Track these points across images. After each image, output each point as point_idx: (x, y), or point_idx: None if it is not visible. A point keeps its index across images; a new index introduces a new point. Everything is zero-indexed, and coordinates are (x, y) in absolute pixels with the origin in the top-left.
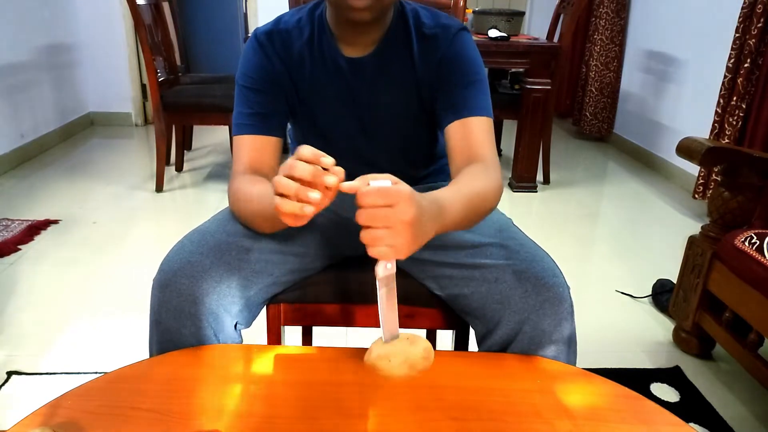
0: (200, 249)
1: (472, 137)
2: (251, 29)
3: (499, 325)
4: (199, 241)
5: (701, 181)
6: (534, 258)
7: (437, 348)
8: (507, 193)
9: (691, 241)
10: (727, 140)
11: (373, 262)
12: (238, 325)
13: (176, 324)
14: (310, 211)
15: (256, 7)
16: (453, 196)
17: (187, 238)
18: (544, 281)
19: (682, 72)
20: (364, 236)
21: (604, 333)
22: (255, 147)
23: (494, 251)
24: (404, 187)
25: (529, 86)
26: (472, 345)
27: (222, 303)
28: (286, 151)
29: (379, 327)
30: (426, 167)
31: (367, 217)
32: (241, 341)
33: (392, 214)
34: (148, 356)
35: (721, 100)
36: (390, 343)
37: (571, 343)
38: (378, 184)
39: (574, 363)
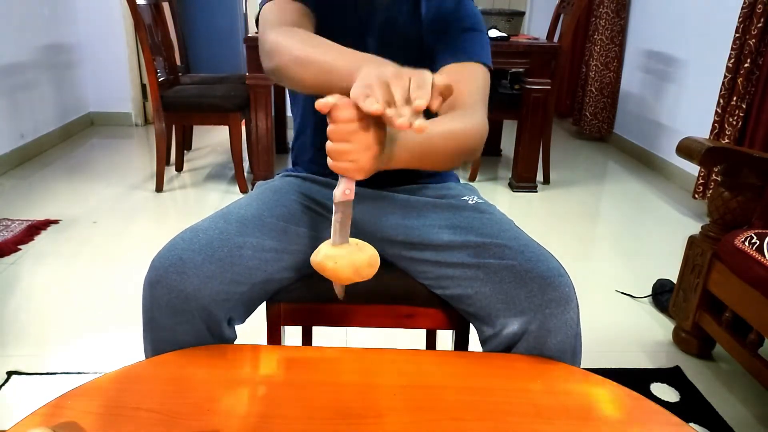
0: (192, 246)
1: (462, 84)
2: (251, 29)
3: (504, 325)
4: (191, 238)
5: (701, 181)
6: (539, 258)
7: (437, 348)
8: (507, 193)
9: (691, 241)
10: (727, 140)
11: None
12: (232, 321)
13: (170, 322)
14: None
15: (256, 8)
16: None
17: (179, 236)
18: (550, 281)
19: (682, 72)
20: (331, 150)
21: (604, 333)
22: (291, 9)
23: (498, 251)
24: None
25: (529, 86)
26: (472, 345)
27: (214, 299)
28: (285, 152)
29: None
30: None
31: (337, 131)
32: (236, 337)
33: (364, 127)
34: (144, 355)
35: (721, 100)
36: (338, 246)
37: (576, 342)
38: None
39: (579, 362)
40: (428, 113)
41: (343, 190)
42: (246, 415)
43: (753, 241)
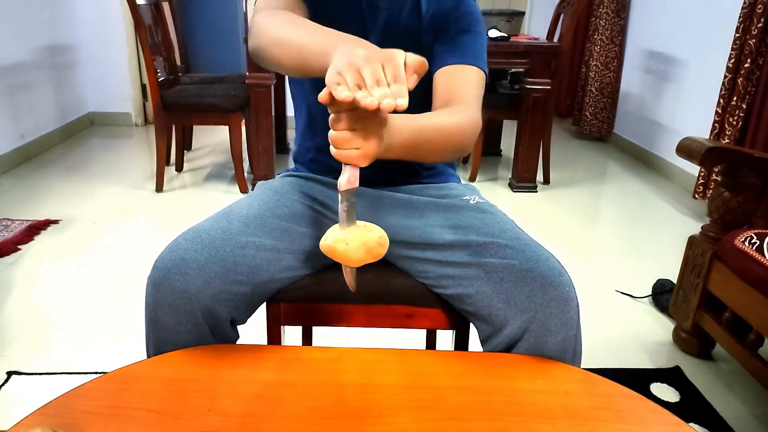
0: (194, 246)
1: (457, 84)
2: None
3: (505, 324)
4: (193, 238)
5: (701, 181)
6: (539, 258)
7: (437, 348)
8: (507, 193)
9: (691, 241)
10: (727, 140)
11: None
12: (234, 322)
13: (172, 321)
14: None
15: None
16: (409, 117)
17: (181, 236)
18: (551, 280)
19: (682, 72)
20: (335, 139)
21: (604, 333)
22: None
23: (499, 251)
24: None
25: (529, 86)
26: (472, 345)
27: (217, 299)
28: (286, 152)
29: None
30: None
31: (340, 119)
32: (238, 337)
33: (367, 113)
34: (145, 355)
35: (722, 100)
36: (346, 228)
37: (576, 342)
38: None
39: (579, 362)
40: (423, 107)
41: (348, 178)
42: (246, 415)
43: (753, 241)
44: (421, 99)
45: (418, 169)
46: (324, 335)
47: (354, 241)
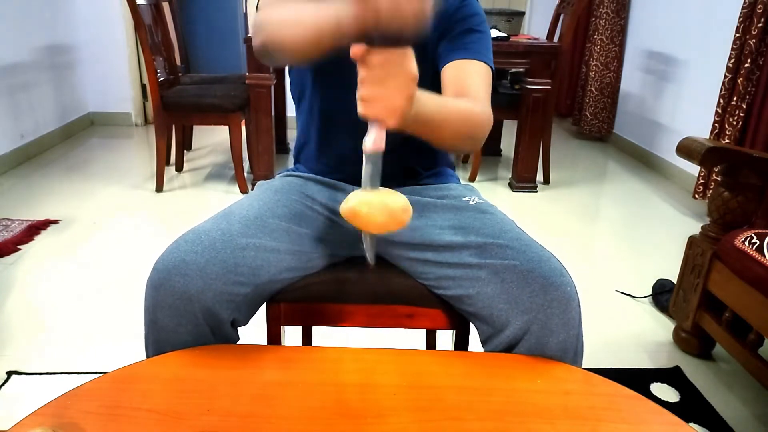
0: (195, 248)
1: (466, 79)
2: (251, 29)
3: (506, 325)
4: (194, 240)
5: (701, 181)
6: (540, 258)
7: (437, 348)
8: (507, 193)
9: (691, 241)
10: (727, 140)
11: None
12: (235, 323)
13: (172, 323)
14: None
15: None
16: (434, 95)
17: (182, 237)
18: (552, 281)
19: (682, 72)
20: (364, 95)
21: (604, 333)
22: None
23: (499, 251)
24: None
25: (529, 86)
26: (472, 345)
27: (217, 300)
28: (286, 152)
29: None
30: (428, 158)
31: (371, 75)
32: (238, 339)
33: (399, 70)
34: (145, 356)
35: (722, 100)
36: (370, 191)
37: (577, 342)
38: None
39: (580, 363)
40: (436, 89)
41: (374, 139)
42: (246, 415)
43: (753, 241)
44: None
45: (418, 169)
46: (324, 335)
47: (377, 204)
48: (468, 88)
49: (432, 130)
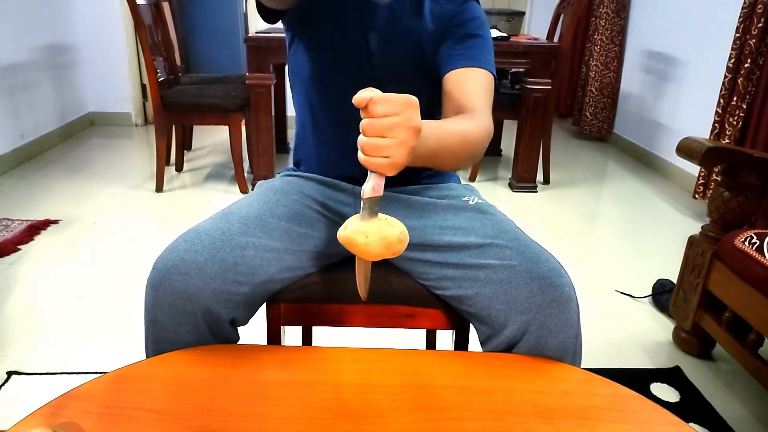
0: (194, 247)
1: (468, 88)
2: (251, 29)
3: (505, 325)
4: (193, 239)
5: (701, 181)
6: (539, 258)
7: (437, 348)
8: (507, 193)
9: (691, 241)
10: (727, 140)
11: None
12: (235, 322)
13: (172, 323)
14: None
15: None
16: (433, 124)
17: (181, 237)
18: (551, 281)
19: (682, 72)
20: (365, 145)
21: (604, 333)
22: None
23: (498, 252)
24: (411, 96)
25: (529, 86)
26: (472, 345)
27: (217, 300)
28: (286, 152)
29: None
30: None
31: (373, 126)
32: (238, 338)
33: (401, 121)
34: (145, 356)
35: (722, 100)
36: (367, 220)
37: (577, 342)
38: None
39: (579, 363)
40: (424, 111)
41: (373, 186)
42: (246, 415)
43: (753, 241)
44: (423, 104)
45: (419, 169)
46: (324, 335)
47: (374, 234)
48: (469, 100)
49: (433, 162)
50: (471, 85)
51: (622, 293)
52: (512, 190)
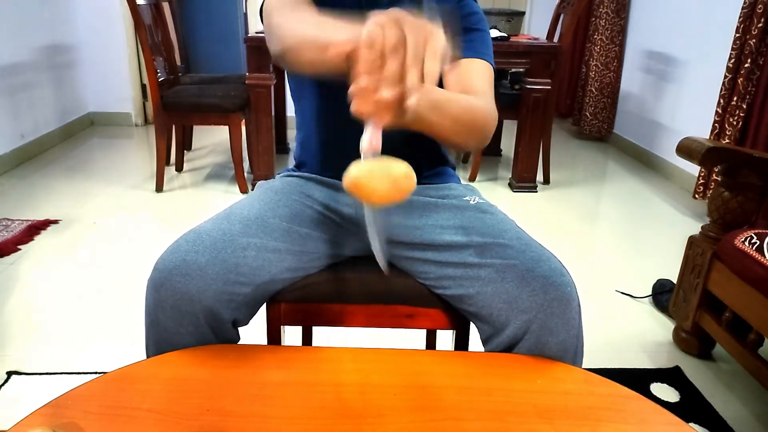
0: (195, 247)
1: (470, 78)
2: (251, 29)
3: (506, 325)
4: (195, 240)
5: (701, 181)
6: (540, 258)
7: (437, 348)
8: (507, 193)
9: (691, 241)
10: (727, 140)
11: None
12: (236, 323)
13: (173, 323)
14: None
15: (257, 8)
16: (441, 90)
17: (182, 237)
18: (552, 280)
19: (682, 72)
20: (357, 90)
21: (603, 333)
22: None
23: (499, 251)
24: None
25: (529, 86)
26: (472, 345)
27: (219, 301)
28: (285, 152)
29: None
30: (429, 158)
31: (363, 66)
32: (239, 339)
33: (389, 58)
34: (146, 357)
35: (722, 100)
36: (370, 159)
37: (577, 342)
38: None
39: (580, 362)
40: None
41: (370, 140)
42: (246, 415)
43: (753, 241)
44: None
45: (419, 168)
46: (324, 335)
47: (378, 172)
48: (472, 87)
49: (436, 124)
50: (474, 74)
51: (622, 293)
52: (512, 190)
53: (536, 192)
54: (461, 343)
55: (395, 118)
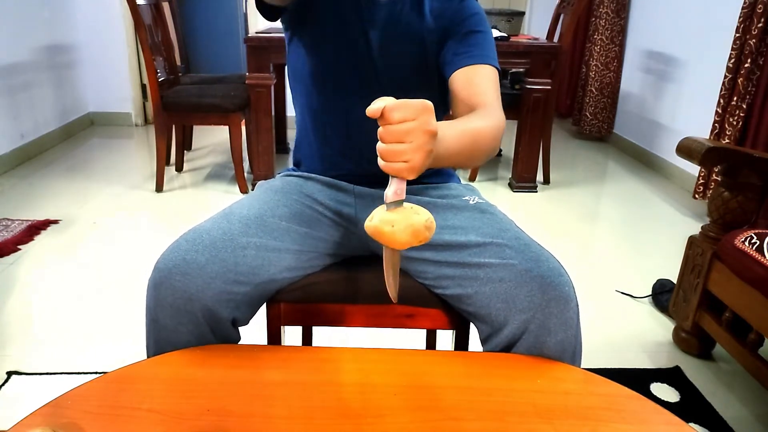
0: (195, 247)
1: (476, 85)
2: (251, 29)
3: (505, 324)
4: (194, 239)
5: (701, 181)
6: (539, 258)
7: (437, 348)
8: (507, 193)
9: (691, 241)
10: (727, 140)
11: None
12: (236, 322)
13: (173, 322)
14: None
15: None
16: (448, 125)
17: (182, 237)
18: (550, 280)
19: (682, 72)
20: (384, 151)
21: (603, 333)
22: None
23: (498, 251)
24: (426, 101)
25: (529, 86)
26: (472, 345)
27: (218, 300)
28: (286, 152)
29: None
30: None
31: (391, 132)
32: (239, 338)
33: (417, 126)
34: (146, 356)
35: (722, 100)
36: (393, 210)
37: (576, 342)
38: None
39: (579, 362)
40: (444, 96)
41: (395, 191)
42: (246, 415)
43: (753, 241)
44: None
45: None
46: (324, 335)
47: (400, 223)
48: (479, 97)
49: (451, 161)
50: (479, 82)
51: (622, 293)
52: (512, 190)
53: (536, 192)
54: (461, 343)
55: (420, 173)
